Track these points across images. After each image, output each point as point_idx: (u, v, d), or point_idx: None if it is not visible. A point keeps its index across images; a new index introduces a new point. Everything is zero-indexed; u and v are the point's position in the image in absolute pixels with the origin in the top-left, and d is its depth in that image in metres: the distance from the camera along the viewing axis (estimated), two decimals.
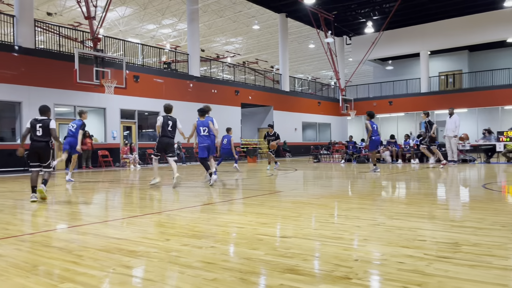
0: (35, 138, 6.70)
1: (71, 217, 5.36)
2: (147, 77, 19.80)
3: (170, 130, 8.56)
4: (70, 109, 17.37)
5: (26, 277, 2.69)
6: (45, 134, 6.71)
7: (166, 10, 27.10)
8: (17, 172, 14.82)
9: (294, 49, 36.68)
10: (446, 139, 15.31)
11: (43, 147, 6.71)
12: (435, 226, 4.15)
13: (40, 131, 6.69)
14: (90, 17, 16.14)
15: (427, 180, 9.63)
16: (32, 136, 6.72)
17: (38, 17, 23.41)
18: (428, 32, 28.91)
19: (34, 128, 6.71)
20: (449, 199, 6.53)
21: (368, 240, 3.56)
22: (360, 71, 38.06)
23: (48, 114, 6.90)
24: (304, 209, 5.42)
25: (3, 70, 14.92)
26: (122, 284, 2.56)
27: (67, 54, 16.94)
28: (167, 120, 8.56)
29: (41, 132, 6.69)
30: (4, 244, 3.65)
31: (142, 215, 5.24)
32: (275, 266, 2.81)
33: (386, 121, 33.42)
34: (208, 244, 3.52)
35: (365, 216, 4.69)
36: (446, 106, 17.08)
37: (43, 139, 6.70)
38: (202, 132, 9.08)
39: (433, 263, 2.81)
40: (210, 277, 2.62)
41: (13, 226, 4.64)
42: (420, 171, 12.24)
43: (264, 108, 27.55)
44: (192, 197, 7.36)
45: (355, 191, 7.73)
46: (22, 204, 6.69)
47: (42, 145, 6.70)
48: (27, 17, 15.88)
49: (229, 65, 28.85)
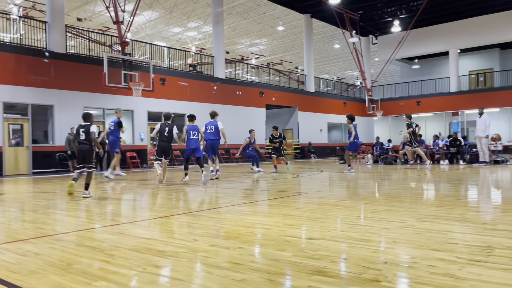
0: (79, 141, 7.43)
1: (102, 217, 5.50)
2: (173, 79, 20.08)
3: (166, 135, 9.54)
4: (99, 112, 17.79)
5: (61, 275, 2.78)
6: (87, 138, 7.41)
7: (191, 13, 27.42)
8: (50, 173, 15.28)
9: (319, 49, 36.46)
10: (476, 139, 14.91)
11: (86, 149, 7.39)
12: (466, 229, 4.05)
13: (83, 136, 7.42)
14: (118, 22, 16.49)
15: (457, 182, 9.40)
16: (77, 140, 7.48)
17: (69, 22, 24.09)
18: (457, 30, 28.22)
19: (78, 133, 7.47)
20: (480, 201, 6.36)
21: (397, 243, 3.51)
22: (387, 71, 37.50)
23: (90, 120, 7.61)
24: (331, 210, 5.39)
25: (36, 75, 15.43)
26: (152, 283, 2.61)
27: (96, 58, 17.36)
28: (164, 127, 9.56)
29: (83, 136, 7.41)
30: (39, 243, 3.78)
31: (170, 215, 5.32)
32: (302, 268, 2.81)
33: (414, 121, 32.74)
34: (235, 245, 3.55)
35: (394, 218, 4.62)
36: (477, 106, 16.63)
37: (86, 142, 7.42)
38: (192, 135, 10.14)
39: (466, 266, 2.75)
40: (238, 277, 2.64)
41: (47, 225, 4.79)
42: (449, 172, 11.97)
43: (288, 109, 27.48)
44: (219, 198, 7.42)
45: (382, 193, 7.62)
46: (55, 204, 6.90)
47: (86, 148, 7.39)
48: (59, 23, 16.37)
49: (253, 67, 28.93)
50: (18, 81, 14.95)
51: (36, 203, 6.97)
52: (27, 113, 15.25)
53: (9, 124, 14.95)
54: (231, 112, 22.46)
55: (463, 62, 31.23)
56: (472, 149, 16.48)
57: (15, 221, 5.43)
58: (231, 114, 22.40)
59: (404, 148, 17.78)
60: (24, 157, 15.24)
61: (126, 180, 11.81)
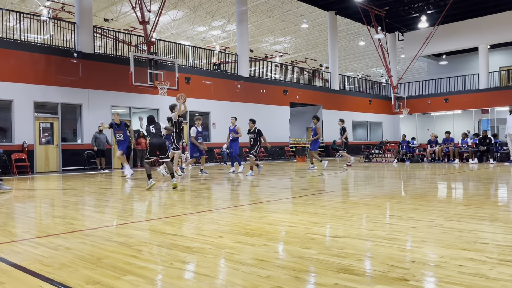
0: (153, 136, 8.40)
1: (129, 214, 5.61)
2: (197, 78, 20.26)
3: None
4: (125, 111, 18.12)
5: (92, 269, 2.86)
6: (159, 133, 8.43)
7: (215, 12, 27.58)
8: (78, 170, 15.68)
9: (344, 46, 36.09)
10: (507, 138, 14.46)
11: (161, 143, 8.44)
12: (497, 228, 3.95)
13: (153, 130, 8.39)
14: (144, 22, 16.75)
15: (487, 181, 9.15)
16: (150, 134, 8.45)
17: (96, 23, 24.61)
18: (487, 25, 27.41)
19: (149, 131, 8.47)
20: (511, 201, 6.18)
21: (425, 242, 3.45)
22: (413, 68, 36.79)
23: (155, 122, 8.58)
24: (356, 209, 5.34)
25: (65, 75, 15.85)
26: (179, 278, 2.65)
27: (123, 58, 17.68)
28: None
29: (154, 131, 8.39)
30: (70, 238, 3.89)
31: (195, 212, 5.38)
32: (328, 265, 2.80)
33: (441, 119, 32.09)
34: (260, 242, 3.56)
35: (421, 217, 4.54)
36: (508, 103, 16.13)
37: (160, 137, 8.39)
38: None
39: (496, 266, 2.68)
40: (264, 274, 2.65)
41: (77, 221, 4.92)
42: (479, 171, 11.66)
43: (313, 107, 27.33)
44: (242, 195, 7.46)
45: (409, 192, 7.50)
46: (84, 200, 7.08)
47: (161, 141, 8.41)
48: (87, 24, 16.76)
49: (277, 65, 28.87)
50: (48, 81, 15.39)
51: (66, 199, 7.17)
52: (57, 112, 15.68)
53: (39, 123, 15.41)
54: (255, 111, 22.49)
55: (493, 58, 30.33)
56: (502, 148, 16.00)
57: (46, 216, 5.60)
58: (255, 112, 22.41)
59: (431, 147, 17.45)
60: (54, 155, 15.68)
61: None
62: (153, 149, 8.48)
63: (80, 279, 2.64)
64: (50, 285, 2.55)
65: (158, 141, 8.43)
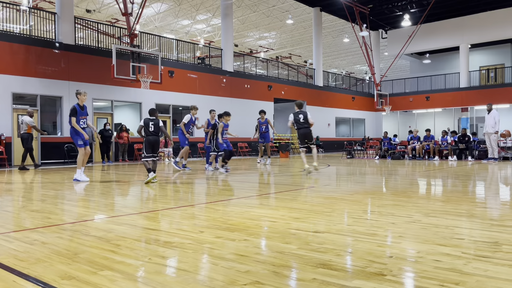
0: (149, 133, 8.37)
1: (109, 208, 5.54)
2: (181, 72, 20.09)
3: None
4: (107, 104, 17.88)
5: (68, 264, 2.81)
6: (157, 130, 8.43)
7: (200, 5, 27.37)
8: (58, 164, 15.41)
9: (328, 43, 36.25)
10: (485, 136, 14.76)
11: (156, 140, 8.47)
12: (473, 224, 4.02)
13: (152, 128, 8.38)
14: (127, 14, 16.51)
15: (464, 178, 9.33)
16: (146, 131, 8.36)
17: (78, 14, 24.17)
18: (468, 24, 27.87)
19: (147, 126, 8.36)
20: (488, 198, 6.31)
21: (403, 237, 3.49)
22: (396, 66, 37.20)
23: (156, 115, 8.54)
24: (337, 204, 5.38)
25: (45, 66, 15.53)
26: (158, 273, 2.63)
27: (105, 50, 17.41)
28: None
29: (153, 128, 8.39)
30: (47, 232, 3.82)
31: (176, 207, 5.35)
32: (307, 261, 2.81)
33: (422, 116, 32.56)
34: (241, 237, 3.56)
35: (400, 213, 4.60)
36: (487, 102, 16.44)
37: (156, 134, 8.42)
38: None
39: (472, 262, 2.73)
40: (243, 269, 2.65)
41: (55, 215, 4.83)
42: (457, 168, 11.87)
43: None
44: (225, 190, 7.44)
45: (389, 188, 7.59)
46: (63, 194, 6.96)
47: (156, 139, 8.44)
48: (68, 15, 16.43)
49: (262, 60, 28.84)
50: (28, 72, 15.06)
51: (44, 193, 7.04)
52: (36, 104, 15.37)
53: (18, 115, 15.08)
54: (239, 106, 22.47)
55: (474, 58, 30.89)
56: (480, 145, 16.33)
57: (23, 210, 5.48)
58: (239, 108, 22.40)
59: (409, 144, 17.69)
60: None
61: (135, 173, 11.87)
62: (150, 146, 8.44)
63: (55, 274, 2.59)
64: (25, 280, 2.50)
65: (154, 139, 8.50)
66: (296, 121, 10.19)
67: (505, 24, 26.20)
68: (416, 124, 31.28)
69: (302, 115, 10.12)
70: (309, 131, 10.23)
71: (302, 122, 10.11)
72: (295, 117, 10.18)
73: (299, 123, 10.14)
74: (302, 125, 10.14)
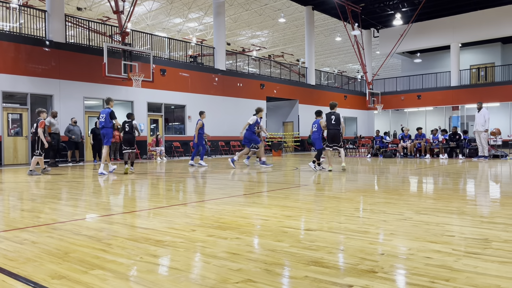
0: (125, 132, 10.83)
1: (100, 207, 5.50)
2: (173, 70, 20.02)
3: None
4: (99, 102, 17.76)
5: (58, 263, 2.78)
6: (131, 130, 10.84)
7: (192, 4, 27.27)
8: (48, 163, 15.26)
9: (320, 42, 36.32)
10: (475, 134, 14.89)
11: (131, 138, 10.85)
12: (464, 221, 4.06)
13: (127, 128, 10.78)
14: (119, 12, 16.40)
15: (455, 175, 9.41)
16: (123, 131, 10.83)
17: (69, 12, 23.96)
18: (459, 24, 28.09)
19: (124, 127, 10.78)
20: (478, 195, 6.37)
21: (394, 235, 3.51)
22: (388, 64, 37.38)
23: (132, 118, 10.94)
24: (329, 202, 5.39)
25: (35, 64, 15.37)
26: (149, 272, 2.61)
27: (96, 48, 17.28)
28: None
29: (128, 128, 10.80)
30: (37, 232, 3.79)
31: (168, 206, 5.33)
32: (299, 258, 2.82)
33: (414, 115, 32.78)
34: (233, 235, 3.55)
35: (392, 211, 4.63)
36: (477, 100, 16.59)
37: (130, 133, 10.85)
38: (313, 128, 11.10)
39: (462, 258, 2.75)
40: (235, 267, 2.64)
41: (45, 214, 4.80)
42: (448, 166, 11.97)
43: (289, 101, 27.45)
44: (217, 189, 7.43)
45: (381, 186, 7.63)
46: (53, 193, 6.91)
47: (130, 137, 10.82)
48: (58, 12, 16.28)
49: (254, 59, 28.83)
50: (17, 70, 14.90)
51: (35, 193, 6.98)
52: (26, 102, 15.22)
53: (8, 114, 14.94)
54: (231, 104, 22.45)
55: (464, 56, 31.14)
56: (471, 144, 16.48)
57: (13, 209, 5.43)
58: (232, 106, 22.39)
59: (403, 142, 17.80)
60: (23, 147, 15.24)
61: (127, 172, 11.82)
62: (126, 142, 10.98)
63: (45, 273, 2.57)
64: (14, 280, 2.48)
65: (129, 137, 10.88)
66: (328, 122, 10.50)
67: (496, 23, 26.44)
68: (408, 123, 31.48)
69: (334, 117, 10.41)
70: (337, 133, 10.42)
71: (334, 123, 10.38)
72: (328, 117, 10.48)
73: (330, 123, 10.42)
74: (332, 126, 10.40)
